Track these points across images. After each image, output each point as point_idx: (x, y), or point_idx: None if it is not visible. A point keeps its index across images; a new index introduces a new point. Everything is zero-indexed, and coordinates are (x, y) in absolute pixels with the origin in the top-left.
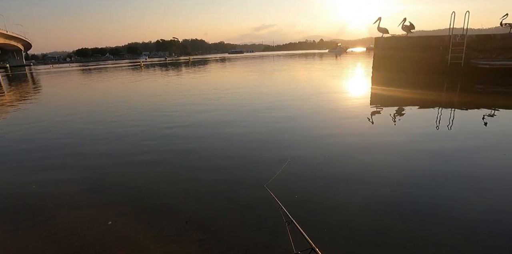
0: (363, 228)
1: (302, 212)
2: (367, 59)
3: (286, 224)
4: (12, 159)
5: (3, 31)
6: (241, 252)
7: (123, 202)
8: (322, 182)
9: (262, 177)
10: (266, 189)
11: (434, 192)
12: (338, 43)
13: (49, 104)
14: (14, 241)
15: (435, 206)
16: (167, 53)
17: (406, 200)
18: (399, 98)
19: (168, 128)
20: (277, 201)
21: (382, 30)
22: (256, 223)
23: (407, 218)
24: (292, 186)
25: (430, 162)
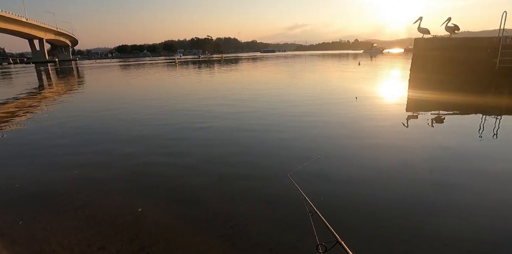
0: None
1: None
2: (405, 61)
3: (310, 214)
4: (58, 146)
5: (53, 28)
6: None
7: (153, 191)
8: (347, 181)
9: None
10: (289, 178)
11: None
12: (374, 44)
13: (90, 97)
14: (56, 223)
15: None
16: (200, 51)
17: (431, 200)
18: (438, 104)
19: (200, 127)
20: (301, 192)
21: (423, 31)
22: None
23: (434, 219)
24: (316, 180)
25: (466, 173)
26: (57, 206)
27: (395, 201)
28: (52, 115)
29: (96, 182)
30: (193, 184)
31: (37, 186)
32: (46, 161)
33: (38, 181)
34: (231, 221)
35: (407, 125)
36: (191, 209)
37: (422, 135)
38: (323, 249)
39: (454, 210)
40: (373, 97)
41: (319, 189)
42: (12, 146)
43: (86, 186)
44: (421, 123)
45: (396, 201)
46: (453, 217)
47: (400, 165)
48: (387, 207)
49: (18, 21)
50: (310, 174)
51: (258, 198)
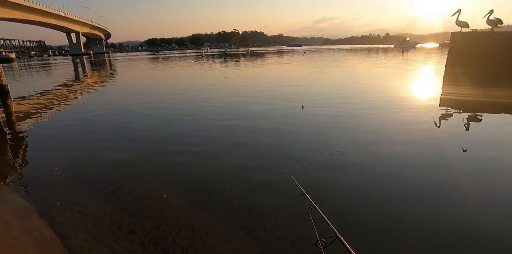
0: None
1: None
2: (440, 56)
3: (309, 210)
4: (92, 134)
5: (89, 21)
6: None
7: (178, 180)
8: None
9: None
10: (288, 174)
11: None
12: (406, 38)
13: (122, 89)
14: (91, 205)
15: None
16: (227, 44)
17: (434, 198)
18: (475, 102)
19: (224, 121)
20: (300, 188)
21: (461, 24)
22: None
23: (437, 216)
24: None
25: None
26: (91, 190)
27: (395, 197)
28: (87, 105)
29: (126, 169)
30: (215, 175)
31: (73, 171)
32: (81, 148)
33: (74, 166)
34: (251, 213)
35: (437, 124)
36: (214, 199)
37: (445, 134)
38: (323, 244)
39: (456, 208)
40: (402, 93)
41: (316, 185)
42: (50, 132)
43: (117, 172)
44: (451, 122)
45: (397, 197)
46: (455, 215)
47: (404, 162)
48: (388, 203)
49: (57, 16)
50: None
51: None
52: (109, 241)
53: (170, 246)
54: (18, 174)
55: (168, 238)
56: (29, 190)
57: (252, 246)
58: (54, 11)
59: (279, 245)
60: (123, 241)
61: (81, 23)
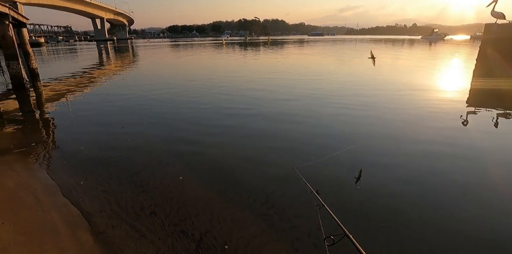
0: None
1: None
2: (471, 49)
3: (317, 208)
4: (116, 118)
5: (113, 8)
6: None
7: (197, 167)
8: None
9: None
10: (296, 172)
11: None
12: (435, 29)
13: (143, 76)
14: (115, 186)
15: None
16: (247, 32)
17: (443, 198)
18: (507, 98)
19: (240, 111)
20: (308, 186)
21: (497, 15)
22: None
23: (445, 217)
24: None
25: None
26: (115, 171)
27: (404, 196)
28: (112, 90)
29: (148, 153)
30: (232, 165)
31: (98, 152)
32: (105, 131)
33: (99, 148)
34: (269, 202)
35: (463, 122)
36: (232, 187)
37: (478, 134)
38: (330, 242)
39: (467, 209)
40: (426, 88)
41: (325, 183)
42: (76, 114)
43: (139, 155)
44: (480, 120)
45: (406, 197)
46: (468, 218)
47: (418, 161)
48: (397, 202)
49: (83, 1)
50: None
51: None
52: (132, 220)
53: (189, 228)
54: (47, 153)
55: (187, 221)
56: (57, 168)
57: (269, 233)
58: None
59: (295, 233)
60: (145, 221)
61: (105, 9)
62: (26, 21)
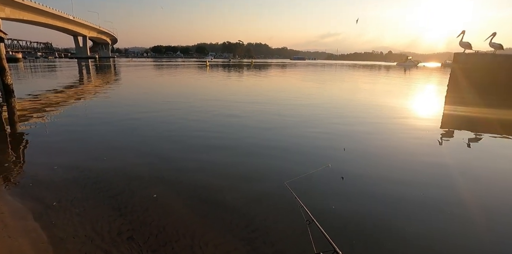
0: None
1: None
2: (441, 76)
3: (307, 223)
4: (94, 137)
5: (96, 26)
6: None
7: (179, 188)
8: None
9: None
10: (287, 187)
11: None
12: (409, 57)
13: (123, 94)
14: (91, 209)
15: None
16: (231, 55)
17: (432, 214)
18: (476, 123)
19: (216, 135)
20: (298, 200)
21: (465, 45)
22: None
23: (436, 232)
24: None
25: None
26: (91, 193)
27: (396, 211)
28: (90, 108)
29: (127, 174)
30: (216, 185)
31: (73, 173)
32: (82, 150)
33: (75, 168)
34: (252, 225)
35: (438, 142)
36: (215, 209)
37: (452, 154)
38: None
39: (457, 228)
40: (402, 112)
41: (314, 197)
42: (51, 132)
43: (118, 176)
44: (452, 142)
45: (397, 212)
46: (459, 236)
47: (404, 175)
48: (387, 217)
49: (66, 19)
50: (314, 183)
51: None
52: (107, 246)
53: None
54: (17, 174)
55: (167, 246)
56: (28, 190)
57: None
58: (63, 14)
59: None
60: (122, 247)
61: (88, 27)
62: (5, 36)
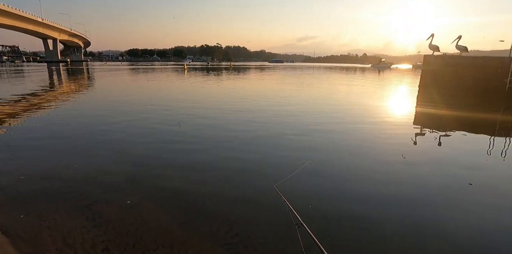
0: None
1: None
2: (413, 77)
3: (296, 227)
4: (65, 145)
5: (68, 29)
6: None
7: (158, 195)
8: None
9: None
10: (276, 190)
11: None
12: (382, 59)
13: (95, 99)
14: (62, 220)
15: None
16: (209, 58)
17: (423, 215)
18: (446, 120)
19: (192, 140)
20: (287, 203)
21: (433, 48)
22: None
23: (426, 234)
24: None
25: (475, 194)
26: (62, 204)
27: (386, 214)
28: (60, 114)
29: (102, 182)
30: (194, 191)
31: (43, 183)
32: (52, 159)
33: (44, 178)
34: (233, 229)
35: (412, 140)
36: (195, 215)
37: (424, 151)
38: None
39: (445, 224)
40: (379, 111)
41: (303, 200)
42: (18, 141)
43: (91, 185)
44: (425, 139)
45: (387, 215)
46: (445, 232)
47: (394, 177)
48: (377, 220)
49: (34, 21)
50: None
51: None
52: None
53: None
54: None
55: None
56: None
57: None
58: (30, 16)
59: None
60: None
61: (59, 30)
62: None
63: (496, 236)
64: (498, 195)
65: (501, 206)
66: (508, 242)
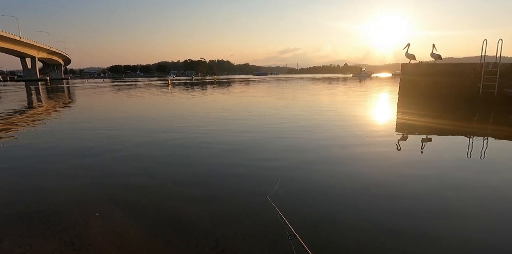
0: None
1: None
2: (393, 85)
3: (289, 238)
4: (41, 166)
5: (47, 46)
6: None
7: (139, 213)
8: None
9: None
10: (269, 201)
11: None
12: (363, 68)
13: (71, 119)
14: (38, 246)
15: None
16: (193, 72)
17: (418, 222)
18: (426, 127)
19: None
20: (280, 215)
21: (410, 56)
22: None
23: (420, 243)
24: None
25: (457, 197)
26: (38, 228)
27: (381, 224)
28: (35, 136)
29: (79, 202)
30: (178, 206)
31: (17, 207)
32: (27, 183)
33: (19, 202)
34: (219, 247)
35: (396, 146)
36: (179, 232)
37: (409, 156)
38: None
39: (438, 229)
40: (362, 118)
41: (296, 210)
42: None
43: (69, 207)
44: (408, 144)
45: (382, 225)
46: (440, 238)
47: (387, 183)
48: (372, 230)
49: (11, 39)
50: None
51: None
52: None
53: None
54: None
55: None
56: None
57: None
58: (7, 34)
59: None
60: None
61: (37, 48)
62: None
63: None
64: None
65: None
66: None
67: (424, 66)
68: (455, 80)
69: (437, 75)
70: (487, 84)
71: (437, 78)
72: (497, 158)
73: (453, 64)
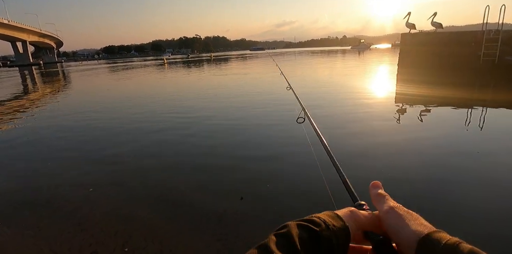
0: None
1: None
2: (392, 56)
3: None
4: (42, 154)
5: (37, 29)
6: None
7: (142, 194)
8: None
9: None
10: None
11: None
12: (361, 40)
13: (68, 103)
14: (47, 228)
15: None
16: (189, 50)
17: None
18: (425, 97)
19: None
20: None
21: (410, 26)
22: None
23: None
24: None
25: (457, 165)
26: (45, 212)
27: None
28: (34, 121)
29: (84, 186)
30: (181, 188)
31: (23, 193)
32: (31, 169)
33: (26, 188)
34: (223, 221)
35: (395, 118)
36: (182, 210)
37: (409, 127)
38: None
39: (442, 206)
40: (362, 92)
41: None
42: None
43: (75, 191)
44: (408, 116)
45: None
46: (441, 215)
47: (388, 157)
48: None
49: (0, 23)
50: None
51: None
52: None
53: None
54: None
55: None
56: None
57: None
58: None
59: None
60: None
61: (28, 31)
62: None
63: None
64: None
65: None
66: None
67: (424, 35)
68: (456, 49)
69: (437, 45)
70: (488, 53)
71: (437, 48)
72: (493, 125)
73: (454, 33)
